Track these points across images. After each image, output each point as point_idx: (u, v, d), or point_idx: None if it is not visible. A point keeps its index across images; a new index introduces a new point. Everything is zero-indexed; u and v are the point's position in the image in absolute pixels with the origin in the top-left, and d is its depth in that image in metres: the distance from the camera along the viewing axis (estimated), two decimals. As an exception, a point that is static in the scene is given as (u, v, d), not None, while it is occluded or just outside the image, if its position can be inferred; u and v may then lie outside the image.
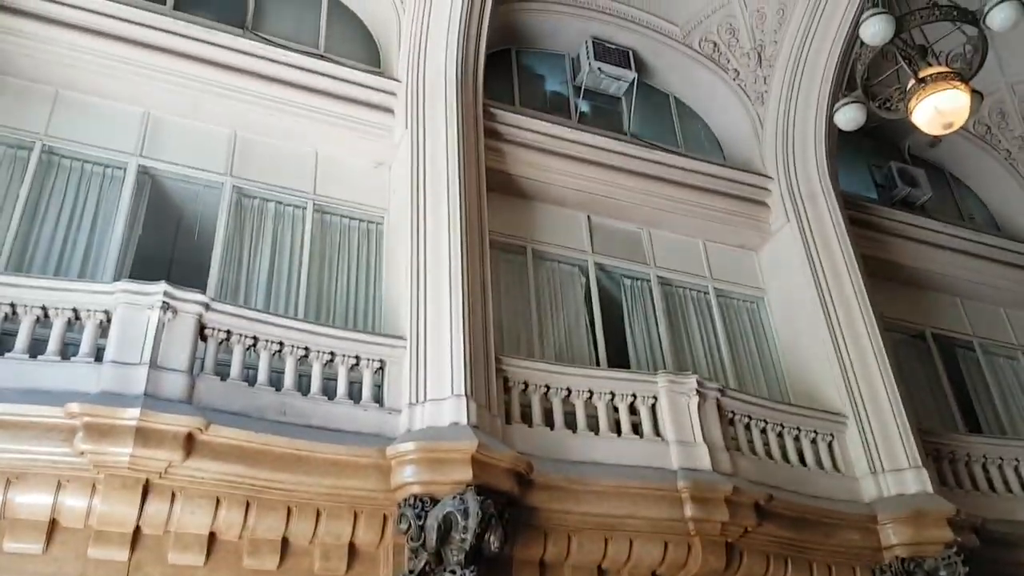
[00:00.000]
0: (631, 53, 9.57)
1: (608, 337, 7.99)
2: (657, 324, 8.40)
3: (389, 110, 7.97)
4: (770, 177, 9.36)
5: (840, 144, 9.61)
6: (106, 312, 5.78)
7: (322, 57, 8.07)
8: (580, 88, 9.48)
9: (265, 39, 7.88)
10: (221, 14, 7.96)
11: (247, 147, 7.62)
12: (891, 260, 9.74)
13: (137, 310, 5.76)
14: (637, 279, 8.69)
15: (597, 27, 9.54)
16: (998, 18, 5.54)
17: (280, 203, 7.51)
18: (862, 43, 5.67)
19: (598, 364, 7.72)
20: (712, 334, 8.65)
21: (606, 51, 9.44)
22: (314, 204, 7.59)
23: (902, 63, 5.90)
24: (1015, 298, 10.45)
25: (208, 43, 7.41)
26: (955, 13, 5.64)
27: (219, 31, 7.56)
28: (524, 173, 8.39)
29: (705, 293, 8.91)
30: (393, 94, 8.01)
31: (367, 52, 8.65)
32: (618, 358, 7.97)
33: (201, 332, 5.94)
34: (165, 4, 7.81)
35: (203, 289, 6.31)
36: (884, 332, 8.34)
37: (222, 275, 6.93)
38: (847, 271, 8.62)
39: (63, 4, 7.06)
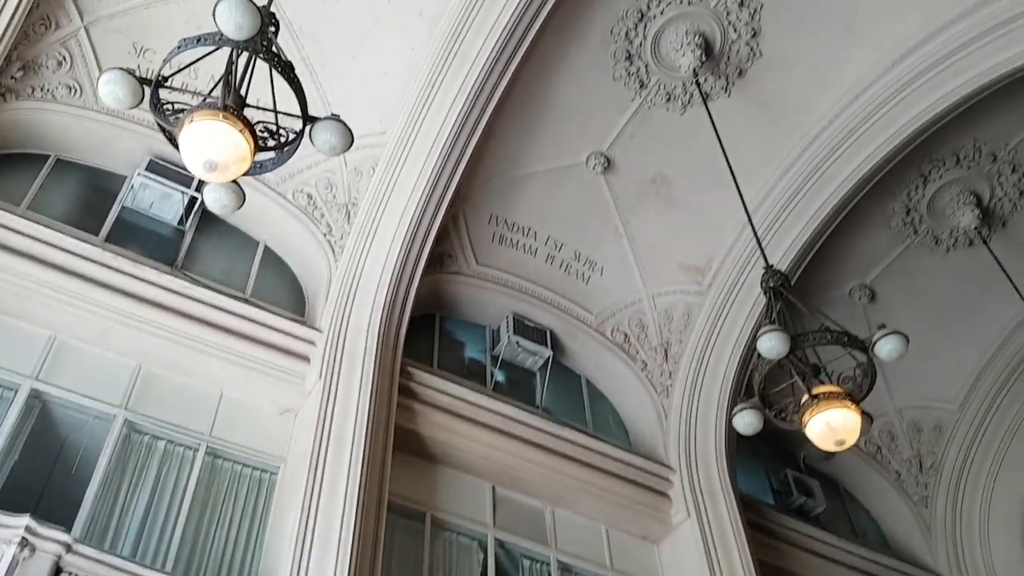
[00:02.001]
0: (549, 332, 9.96)
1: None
2: (556, 614, 8.00)
3: (305, 358, 7.98)
4: (672, 469, 9.45)
5: (740, 446, 9.90)
6: (-46, 543, 5.25)
7: (247, 301, 8.17)
8: (498, 359, 9.72)
9: (193, 279, 7.97)
10: (152, 250, 8.10)
11: (149, 381, 7.43)
12: (786, 569, 9.67)
13: (-10, 544, 5.26)
14: (537, 561, 8.37)
15: (519, 305, 9.98)
16: (885, 349, 5.86)
17: (171, 442, 7.19)
18: (759, 355, 5.99)
19: (486, 656, 7.21)
20: (612, 633, 8.25)
21: (525, 328, 9.81)
22: (207, 447, 7.28)
23: (796, 378, 6.25)
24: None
25: (132, 276, 7.46)
26: (846, 339, 5.98)
27: (146, 266, 7.64)
28: (434, 435, 8.32)
29: (607, 585, 8.62)
30: (312, 343, 8.07)
31: (293, 300, 8.81)
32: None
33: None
34: (97, 235, 7.93)
35: (70, 526, 5.86)
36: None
37: (94, 512, 6.45)
38: (745, 576, 8.51)
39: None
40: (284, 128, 4.31)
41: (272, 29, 4.20)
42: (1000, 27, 8.15)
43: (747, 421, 6.43)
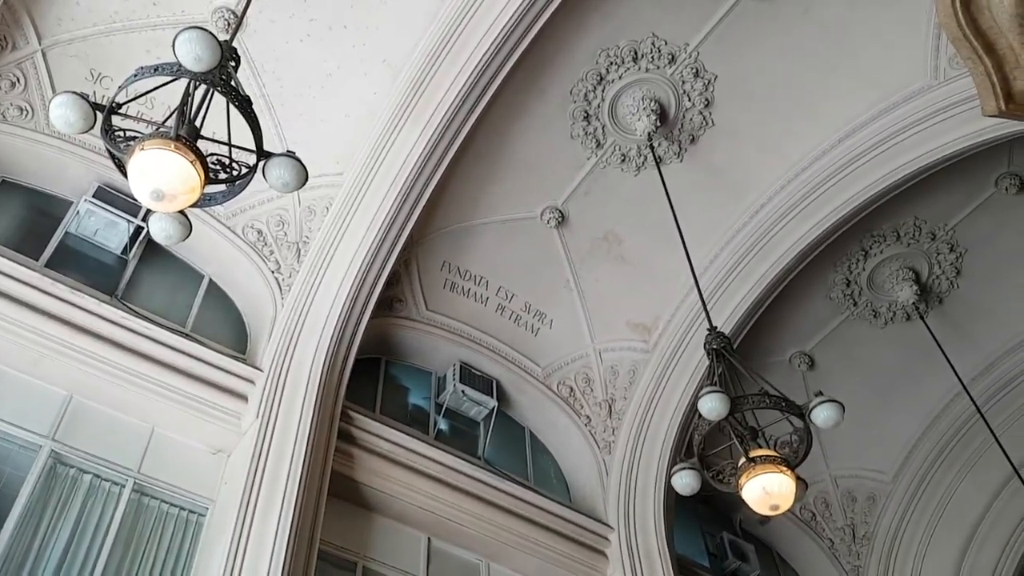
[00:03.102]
0: (495, 382, 9.92)
1: None
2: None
3: (243, 397, 7.79)
4: (611, 527, 9.40)
5: (678, 506, 9.91)
6: None
7: (187, 335, 7.99)
8: (442, 406, 9.63)
9: (132, 309, 7.78)
10: (93, 278, 7.90)
11: (80, 412, 7.16)
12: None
13: None
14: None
15: (467, 353, 9.95)
16: (821, 416, 5.95)
17: (98, 476, 6.91)
18: (700, 415, 6.05)
19: None
20: None
21: (472, 376, 9.76)
22: (135, 483, 7.02)
23: (735, 440, 6.31)
24: None
25: (69, 304, 7.24)
26: (784, 404, 6.07)
27: (85, 294, 7.42)
28: (371, 483, 8.16)
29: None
30: (252, 382, 7.90)
31: (236, 337, 8.64)
32: None
33: (-42, 615, 5.14)
34: (38, 260, 7.73)
35: (-18, 560, 5.57)
36: None
37: (11, 547, 6.14)
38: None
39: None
40: (237, 162, 4.30)
41: (232, 63, 4.21)
42: (941, 112, 8.56)
43: (685, 481, 6.46)
